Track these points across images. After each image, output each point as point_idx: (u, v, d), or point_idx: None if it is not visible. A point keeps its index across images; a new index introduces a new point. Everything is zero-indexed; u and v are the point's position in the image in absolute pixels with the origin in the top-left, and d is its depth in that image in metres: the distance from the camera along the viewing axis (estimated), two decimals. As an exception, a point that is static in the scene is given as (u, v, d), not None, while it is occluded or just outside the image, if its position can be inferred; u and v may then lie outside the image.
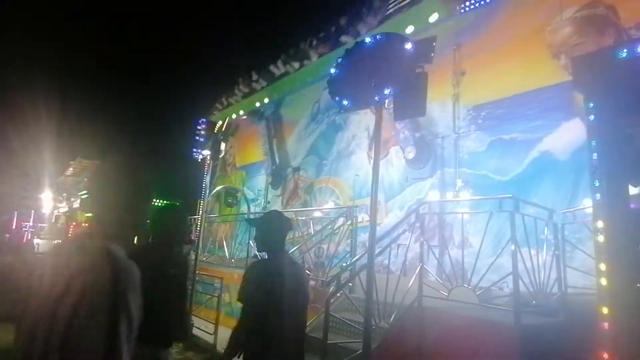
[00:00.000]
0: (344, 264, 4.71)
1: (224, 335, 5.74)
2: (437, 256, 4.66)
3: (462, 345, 3.09)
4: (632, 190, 2.28)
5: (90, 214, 1.29)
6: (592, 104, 2.21)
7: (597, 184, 2.12)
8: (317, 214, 8.23)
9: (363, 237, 6.22)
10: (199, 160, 6.42)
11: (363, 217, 6.94)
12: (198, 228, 7.12)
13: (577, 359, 2.52)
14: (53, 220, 25.21)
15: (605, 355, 1.89)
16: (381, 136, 3.57)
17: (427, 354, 3.27)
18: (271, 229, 2.27)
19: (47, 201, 25.52)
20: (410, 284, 3.83)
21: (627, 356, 1.85)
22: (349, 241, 5.63)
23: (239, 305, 2.40)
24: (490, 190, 6.21)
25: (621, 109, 2.20)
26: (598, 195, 2.13)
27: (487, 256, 3.93)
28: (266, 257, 2.38)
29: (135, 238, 1.90)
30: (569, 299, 3.63)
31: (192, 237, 8.23)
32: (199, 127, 6.28)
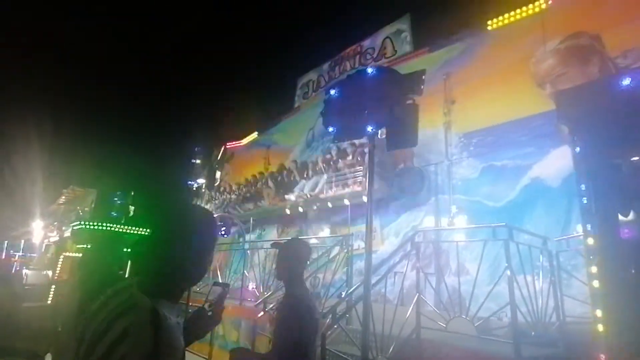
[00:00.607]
0: (342, 294, 4.63)
1: (217, 370, 5.52)
2: (435, 284, 4.60)
3: (462, 379, 3.00)
4: (623, 219, 2.31)
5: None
6: (577, 137, 2.28)
7: (587, 215, 2.15)
8: (313, 241, 8.16)
9: (359, 264, 6.15)
10: (194, 189, 6.42)
11: (359, 245, 6.88)
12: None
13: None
14: (43, 250, 24.61)
15: (602, 357, 1.88)
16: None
17: (426, 389, 3.17)
18: (293, 257, 2.14)
19: (38, 230, 25.02)
20: (408, 314, 3.76)
21: (620, 353, 1.84)
22: (345, 269, 5.56)
23: (233, 339, 2.31)
24: (484, 216, 6.24)
25: (606, 140, 2.27)
26: (589, 226, 2.15)
27: (484, 284, 3.90)
28: (285, 288, 2.19)
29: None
30: (567, 329, 3.57)
31: None
32: (193, 156, 6.32)
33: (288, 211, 9.52)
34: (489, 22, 7.10)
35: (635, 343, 1.95)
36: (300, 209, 9.23)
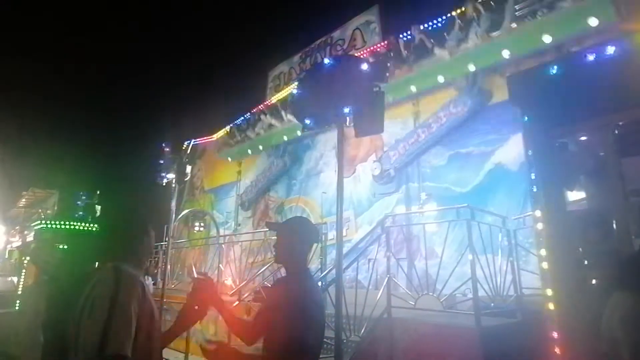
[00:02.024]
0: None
1: (195, 364, 5.49)
2: (406, 268, 4.79)
3: (429, 350, 3.18)
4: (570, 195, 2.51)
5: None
6: (526, 117, 2.44)
7: (535, 190, 2.32)
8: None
9: (334, 254, 6.27)
10: (164, 184, 6.27)
11: (334, 234, 7.00)
12: (164, 255, 6.88)
13: (534, 354, 2.67)
14: (6, 256, 23.31)
15: (555, 334, 2.04)
16: (344, 153, 3.70)
17: (397, 364, 3.33)
18: (297, 238, 1.85)
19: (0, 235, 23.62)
20: (379, 296, 3.91)
21: (571, 333, 2.02)
22: (320, 259, 5.65)
23: (211, 332, 2.20)
24: (452, 201, 6.50)
25: (553, 120, 2.44)
26: (537, 201, 2.33)
27: (451, 264, 4.10)
28: (286, 273, 1.93)
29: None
30: (524, 300, 3.84)
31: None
32: (162, 151, 6.18)
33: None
34: (454, 13, 7.31)
35: (584, 318, 2.06)
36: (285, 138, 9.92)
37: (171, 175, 6.42)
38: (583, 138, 2.44)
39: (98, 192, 11.32)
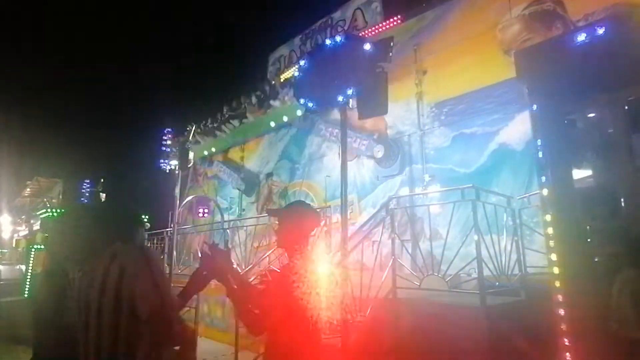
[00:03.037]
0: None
1: (205, 346, 5.63)
2: (410, 250, 4.81)
3: (434, 330, 3.22)
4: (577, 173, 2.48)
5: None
6: (534, 94, 2.39)
7: (542, 168, 2.30)
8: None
9: (338, 238, 6.30)
10: (167, 171, 6.29)
11: (338, 218, 7.02)
12: (170, 241, 6.96)
13: (539, 332, 2.69)
14: (14, 245, 23.70)
15: (562, 312, 2.05)
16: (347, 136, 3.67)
17: (403, 342, 3.38)
18: (298, 223, 1.89)
19: (6, 225, 23.94)
20: (384, 277, 3.95)
21: (578, 311, 2.02)
22: (325, 243, 5.69)
23: (218, 315, 2.24)
24: (456, 182, 6.44)
25: (561, 97, 2.39)
26: (544, 178, 2.30)
27: (456, 245, 4.11)
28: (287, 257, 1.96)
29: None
30: (529, 279, 3.86)
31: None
32: (164, 138, 6.17)
33: (273, 124, 9.93)
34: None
35: (592, 296, 2.07)
36: (285, 118, 9.74)
37: (174, 162, 6.43)
38: (591, 114, 2.39)
39: (102, 180, 11.38)
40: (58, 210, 5.30)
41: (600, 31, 2.07)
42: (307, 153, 10.00)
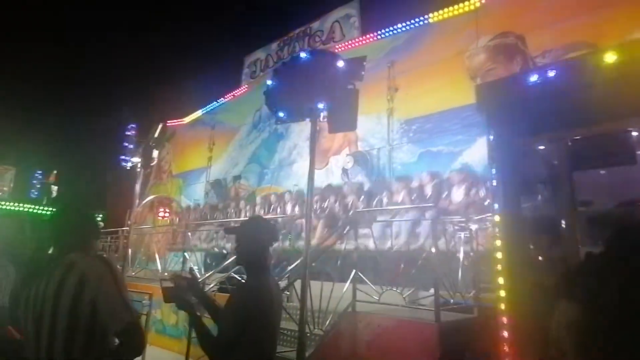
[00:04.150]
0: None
1: (155, 355, 5.39)
2: (373, 260, 4.92)
3: (391, 344, 3.30)
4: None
5: None
6: (491, 126, 2.54)
7: (495, 195, 2.44)
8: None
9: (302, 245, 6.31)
10: (128, 168, 6.03)
11: (302, 225, 7.04)
12: (125, 240, 6.65)
13: (489, 349, 2.83)
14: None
15: (505, 334, 2.17)
16: (316, 147, 3.70)
17: (360, 356, 3.43)
18: (256, 239, 1.90)
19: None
20: (345, 289, 3.99)
21: (520, 334, 2.15)
22: (290, 248, 5.69)
23: (172, 322, 2.22)
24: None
25: (515, 130, 2.56)
26: (496, 205, 2.44)
27: (416, 259, 4.24)
28: (246, 274, 1.99)
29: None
30: (482, 297, 4.05)
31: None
32: (127, 134, 5.92)
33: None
34: (431, 15, 7.44)
35: (534, 321, 2.18)
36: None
37: (136, 159, 6.18)
38: (541, 149, 2.57)
39: (55, 172, 10.68)
40: (8, 204, 4.93)
41: (551, 74, 2.25)
42: (277, 158, 9.97)
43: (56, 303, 1.49)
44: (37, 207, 5.09)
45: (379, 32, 8.11)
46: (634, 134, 2.20)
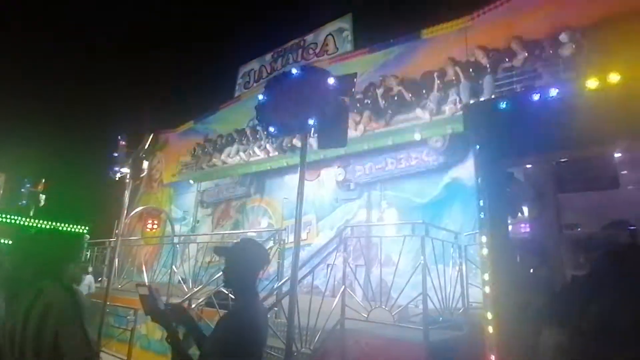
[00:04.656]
0: (273, 287, 4.69)
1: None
2: (363, 275, 4.90)
3: (378, 364, 3.25)
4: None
5: None
6: (478, 146, 2.56)
7: (482, 215, 2.44)
8: (250, 234, 8.11)
9: (291, 258, 6.25)
10: (117, 179, 5.94)
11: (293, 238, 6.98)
12: (112, 252, 6.53)
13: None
14: None
15: (492, 357, 2.14)
16: (309, 157, 3.70)
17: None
18: (246, 263, 1.84)
19: None
20: (334, 305, 3.95)
21: (507, 356, 2.12)
22: (278, 262, 5.62)
23: (157, 338, 2.15)
24: (412, 211, 6.72)
25: (502, 151, 2.58)
26: (484, 224, 2.45)
27: (407, 274, 4.23)
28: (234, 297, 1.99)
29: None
30: (471, 313, 4.04)
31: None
32: (118, 143, 5.85)
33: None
34: (424, 31, 7.55)
35: (521, 342, 2.16)
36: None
37: (125, 170, 6.08)
38: (527, 170, 2.59)
39: (44, 181, 10.53)
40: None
41: (536, 97, 2.29)
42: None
43: (24, 328, 1.55)
44: (22, 218, 4.97)
45: (371, 47, 8.21)
46: (617, 157, 2.23)
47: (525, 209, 2.53)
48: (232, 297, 4.81)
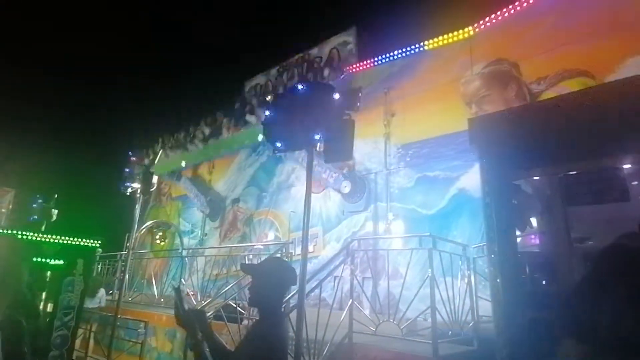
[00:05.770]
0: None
1: (148, 385, 5.25)
2: (371, 288, 4.87)
3: (387, 380, 3.21)
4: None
5: None
6: (484, 160, 2.58)
7: (490, 228, 2.45)
8: (257, 247, 8.14)
9: (298, 271, 6.24)
10: (128, 194, 6.05)
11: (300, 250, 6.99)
12: (123, 265, 6.60)
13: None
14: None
15: None
16: (313, 174, 3.74)
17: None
18: (274, 283, 1.82)
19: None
20: (342, 318, 3.93)
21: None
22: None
23: (167, 350, 2.19)
24: (419, 223, 6.69)
25: (508, 164, 2.59)
26: (491, 237, 2.45)
27: (415, 286, 4.20)
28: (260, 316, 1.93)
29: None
30: (481, 327, 3.98)
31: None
32: (129, 159, 5.98)
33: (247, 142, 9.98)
34: (426, 42, 7.64)
35: (529, 346, 2.16)
36: (260, 137, 9.29)
37: (136, 185, 6.20)
38: (534, 183, 2.59)
39: (56, 196, 10.71)
40: (7, 231, 4.91)
41: (540, 109, 2.31)
42: (275, 182, 10.00)
43: None
44: (34, 233, 5.06)
45: (375, 59, 8.31)
46: (626, 170, 2.23)
47: (534, 221, 2.52)
48: (242, 311, 4.83)
